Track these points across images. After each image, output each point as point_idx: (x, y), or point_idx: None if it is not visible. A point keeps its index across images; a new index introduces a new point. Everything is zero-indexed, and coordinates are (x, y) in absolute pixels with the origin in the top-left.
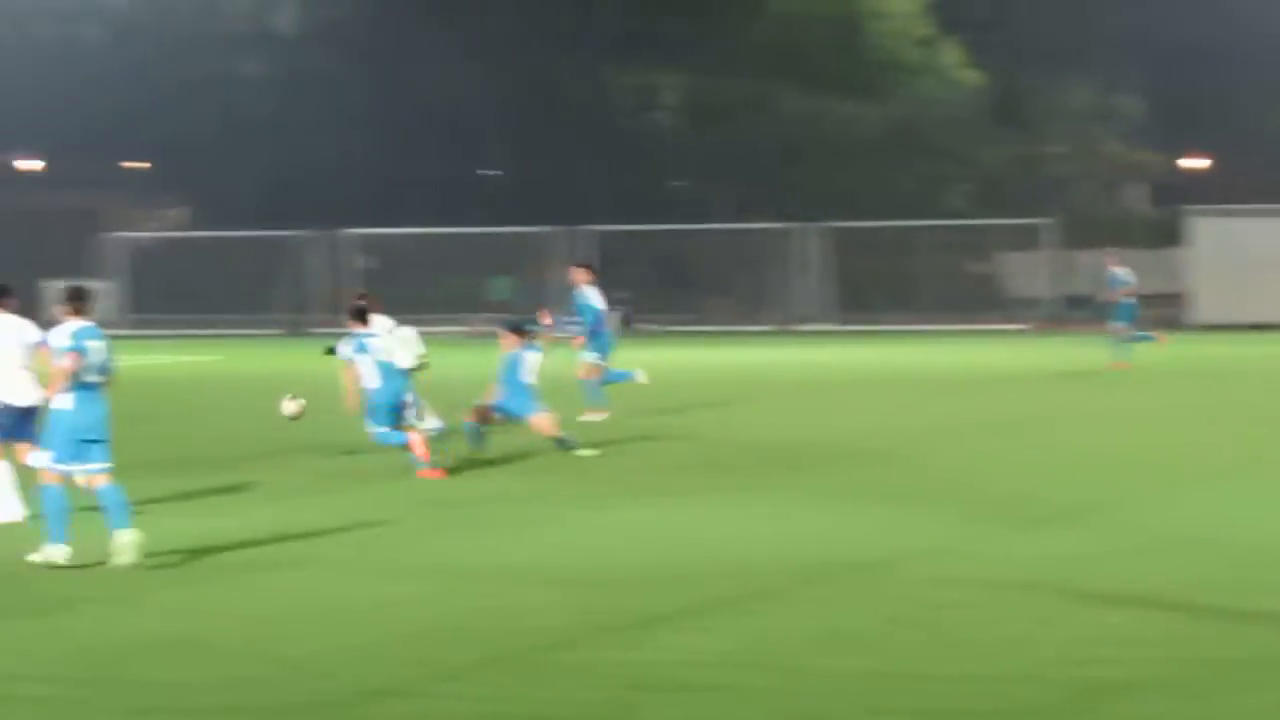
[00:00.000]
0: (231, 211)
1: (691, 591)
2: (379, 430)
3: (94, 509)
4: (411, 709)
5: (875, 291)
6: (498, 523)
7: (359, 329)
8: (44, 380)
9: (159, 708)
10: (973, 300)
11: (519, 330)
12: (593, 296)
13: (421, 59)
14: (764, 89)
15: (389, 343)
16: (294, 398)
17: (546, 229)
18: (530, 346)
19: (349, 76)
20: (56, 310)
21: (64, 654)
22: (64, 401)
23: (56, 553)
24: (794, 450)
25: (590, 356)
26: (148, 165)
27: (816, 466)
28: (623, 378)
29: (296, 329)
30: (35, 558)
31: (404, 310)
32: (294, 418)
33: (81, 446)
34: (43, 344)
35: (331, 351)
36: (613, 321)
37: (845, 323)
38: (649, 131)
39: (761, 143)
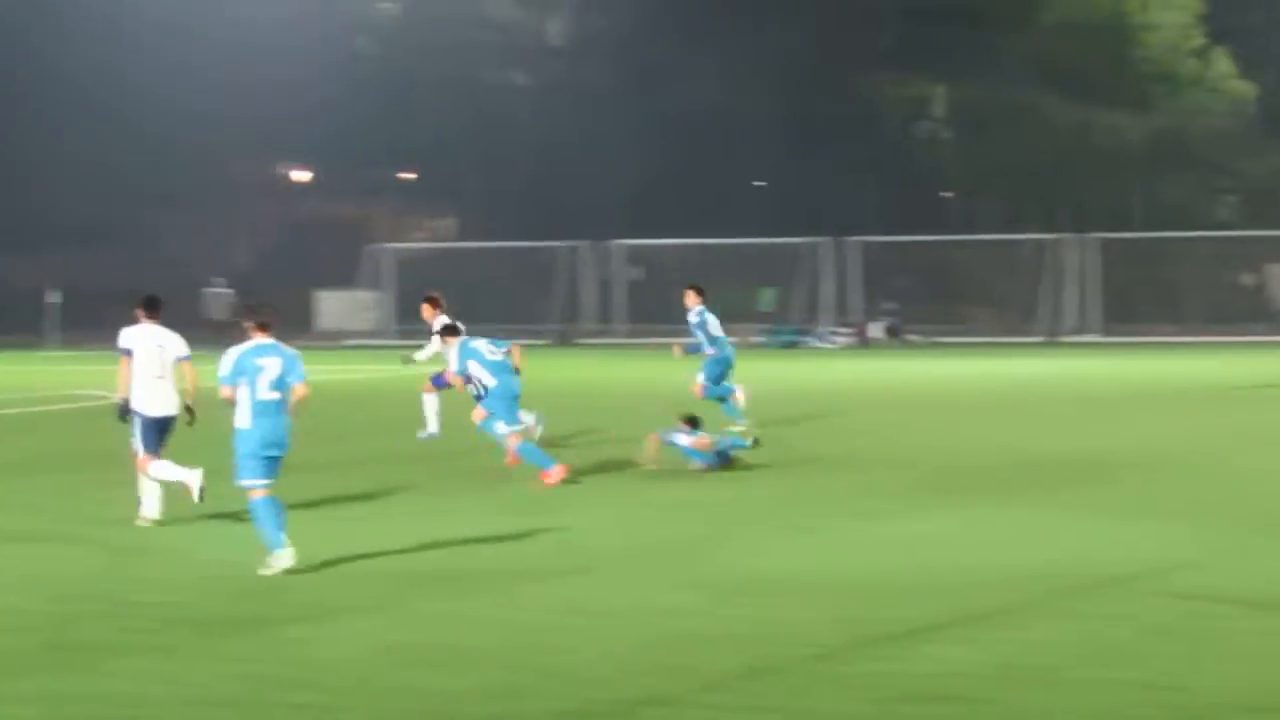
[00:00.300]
0: (498, 221)
1: (954, 603)
2: (489, 423)
3: (360, 515)
4: (675, 718)
5: (1142, 302)
6: (758, 533)
7: (454, 340)
8: (184, 392)
9: (422, 713)
10: (1240, 312)
11: None
12: (710, 321)
13: (690, 70)
14: (1032, 100)
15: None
16: None
17: (813, 240)
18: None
19: (617, 88)
20: (244, 326)
21: (326, 661)
22: (243, 420)
23: (282, 559)
24: (1057, 462)
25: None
26: (415, 176)
27: (1080, 479)
28: (725, 392)
29: (565, 339)
30: (266, 571)
31: (671, 320)
32: None
33: (265, 462)
34: (186, 359)
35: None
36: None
37: (1111, 334)
38: (917, 143)
39: (1029, 153)
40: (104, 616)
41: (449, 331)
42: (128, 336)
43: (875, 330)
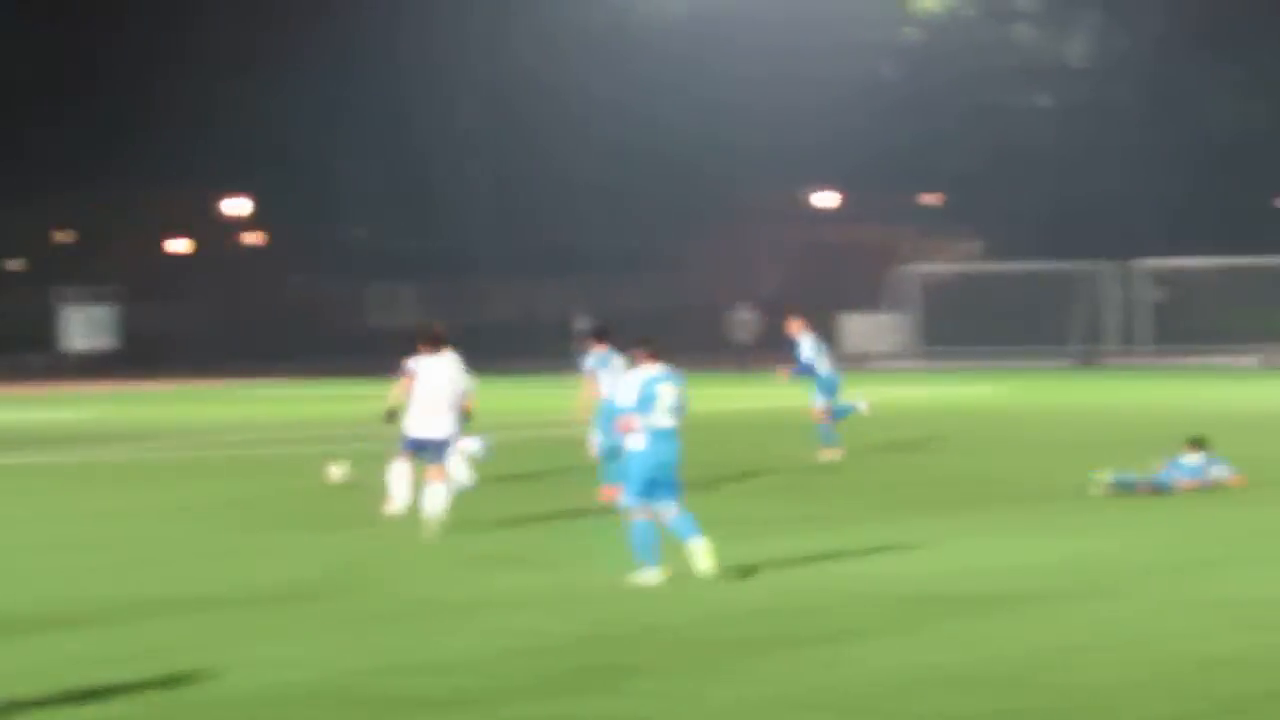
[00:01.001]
0: (1020, 243)
1: None
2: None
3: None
4: None
5: None
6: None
7: (600, 349)
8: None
9: None
10: None
11: None
12: (805, 345)
13: (1216, 87)
14: None
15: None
16: (339, 463)
17: None
18: None
19: (1141, 107)
20: (634, 355)
21: (850, 683)
22: (637, 443)
23: (649, 576)
24: None
25: (816, 400)
26: (940, 198)
27: None
28: (847, 411)
29: (1089, 361)
30: (633, 579)
31: (1194, 340)
32: (337, 483)
33: (651, 485)
34: (471, 390)
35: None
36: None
37: None
38: None
39: None
40: (624, 639)
41: (599, 337)
42: (421, 364)
43: None
